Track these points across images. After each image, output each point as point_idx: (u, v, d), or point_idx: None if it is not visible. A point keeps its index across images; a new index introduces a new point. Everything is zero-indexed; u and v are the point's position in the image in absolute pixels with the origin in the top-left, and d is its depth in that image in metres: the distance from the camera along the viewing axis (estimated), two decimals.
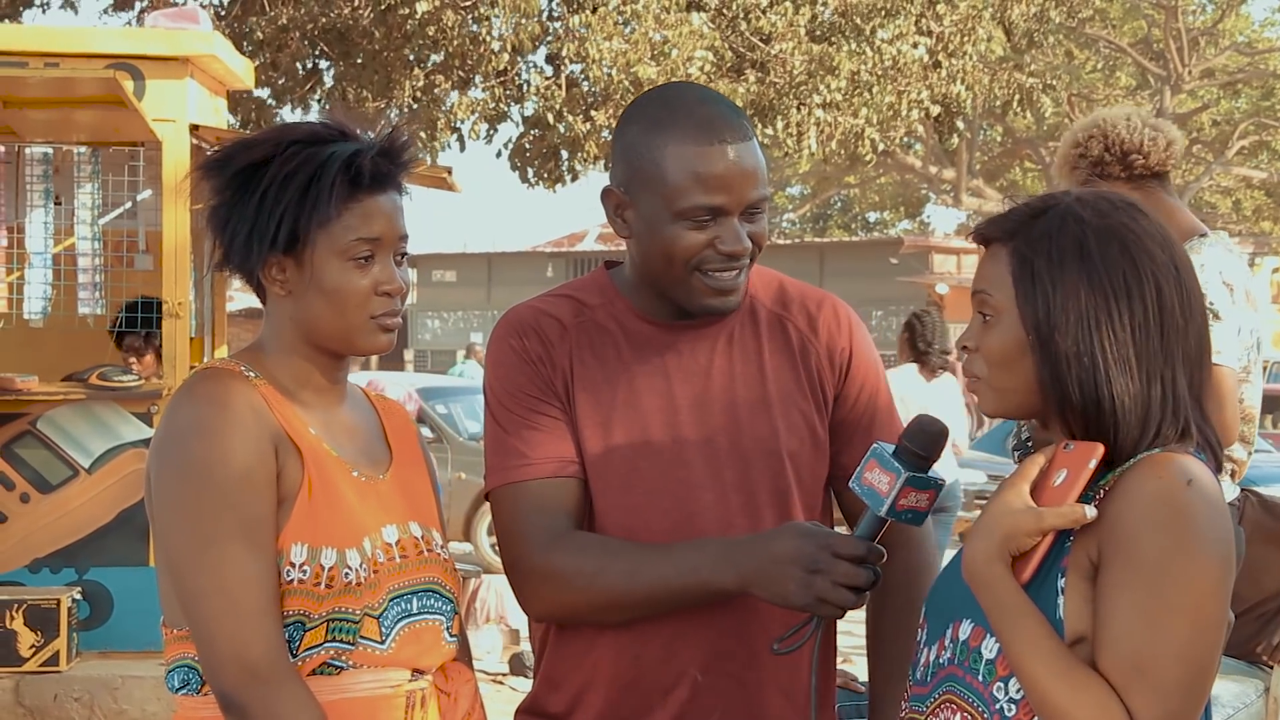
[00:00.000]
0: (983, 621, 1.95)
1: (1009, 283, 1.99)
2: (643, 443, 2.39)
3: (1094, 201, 2.01)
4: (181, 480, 2.16)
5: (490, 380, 2.46)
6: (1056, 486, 1.92)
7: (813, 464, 2.46)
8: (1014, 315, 1.98)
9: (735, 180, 2.30)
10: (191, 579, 2.14)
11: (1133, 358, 1.93)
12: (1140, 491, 1.88)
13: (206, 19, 6.75)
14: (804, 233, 45.49)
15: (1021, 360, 1.98)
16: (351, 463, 2.28)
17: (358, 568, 2.18)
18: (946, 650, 2.02)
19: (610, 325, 2.45)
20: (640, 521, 2.37)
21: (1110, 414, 1.93)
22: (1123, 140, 4.07)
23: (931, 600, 2.14)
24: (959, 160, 29.62)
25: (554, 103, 11.73)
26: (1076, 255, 1.95)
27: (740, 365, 2.45)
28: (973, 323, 2.05)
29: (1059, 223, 1.97)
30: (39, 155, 6.37)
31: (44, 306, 6.39)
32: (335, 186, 2.19)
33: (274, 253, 2.22)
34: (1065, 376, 1.94)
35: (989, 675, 1.95)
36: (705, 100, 2.37)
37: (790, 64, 11.49)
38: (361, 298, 2.23)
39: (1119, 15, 31.87)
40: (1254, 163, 35.31)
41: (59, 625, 6.04)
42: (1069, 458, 1.94)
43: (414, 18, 11.54)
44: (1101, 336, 1.93)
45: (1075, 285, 1.94)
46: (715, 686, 2.37)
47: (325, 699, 2.15)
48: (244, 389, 2.21)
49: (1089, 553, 1.90)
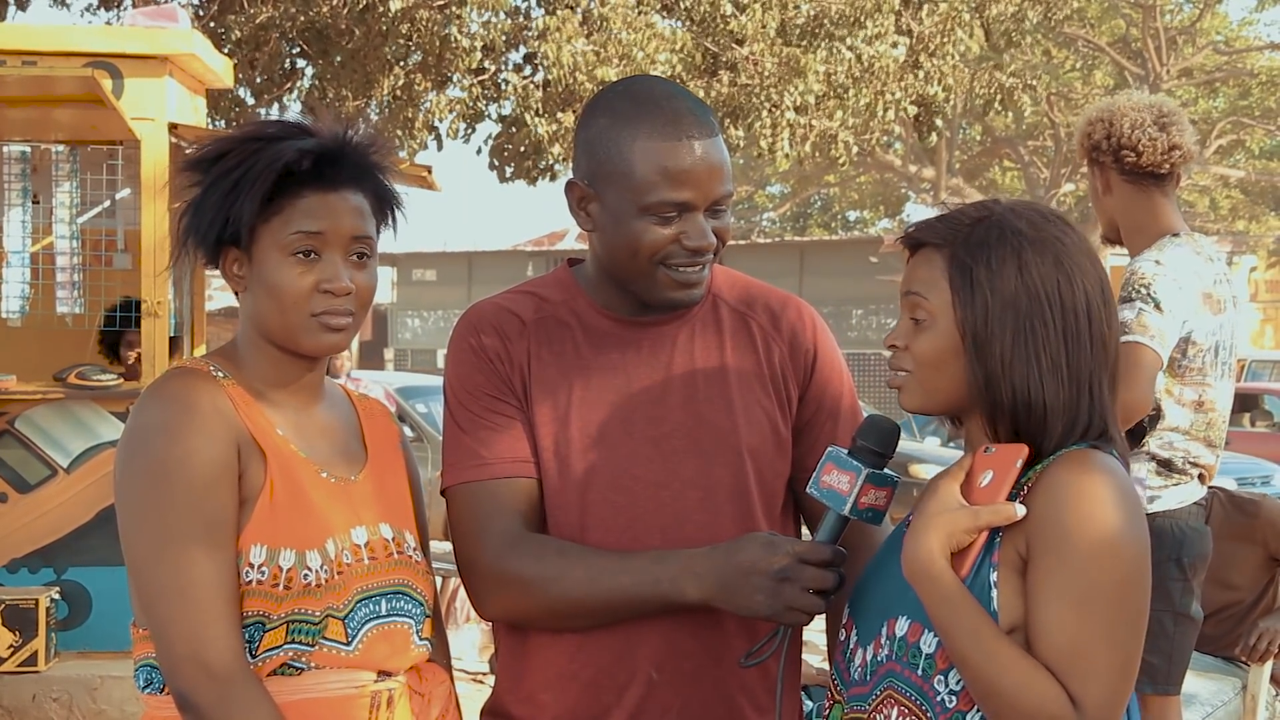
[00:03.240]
0: (919, 617, 2.02)
1: (945, 288, 2.06)
2: (599, 439, 2.39)
3: (1027, 213, 2.09)
4: (143, 480, 2.16)
5: (449, 378, 2.46)
6: (984, 487, 2.01)
7: (773, 460, 2.45)
8: (949, 320, 2.06)
9: (702, 176, 2.31)
10: (151, 578, 2.14)
11: (1064, 365, 2.03)
12: (1066, 488, 1.97)
13: (185, 17, 6.74)
14: (784, 232, 45.50)
15: (953, 363, 2.06)
16: (321, 463, 2.27)
17: (318, 569, 2.18)
18: (884, 647, 2.07)
19: (570, 321, 2.45)
20: (595, 519, 2.38)
21: (1040, 418, 2.03)
22: (1121, 135, 4.10)
23: (858, 601, 2.19)
24: (938, 159, 29.68)
25: (531, 102, 11.72)
26: (1015, 265, 2.03)
27: (701, 361, 2.44)
28: (902, 323, 2.12)
29: (997, 233, 2.06)
30: (17, 154, 6.35)
31: (22, 306, 6.38)
32: (260, 181, 2.18)
33: (225, 246, 2.23)
34: (999, 382, 2.03)
35: (929, 669, 2.01)
36: (672, 95, 2.38)
37: (762, 65, 11.49)
38: (299, 294, 2.21)
39: (1097, 14, 31.94)
40: (1230, 161, 35.44)
41: (37, 625, 6.03)
42: (992, 460, 2.03)
43: (389, 15, 11.53)
44: (1037, 345, 2.02)
45: (1013, 294, 2.03)
46: (671, 684, 2.37)
47: (286, 699, 2.15)
48: (210, 389, 2.21)
49: (1017, 547, 1.98)
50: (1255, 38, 36.27)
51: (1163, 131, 4.09)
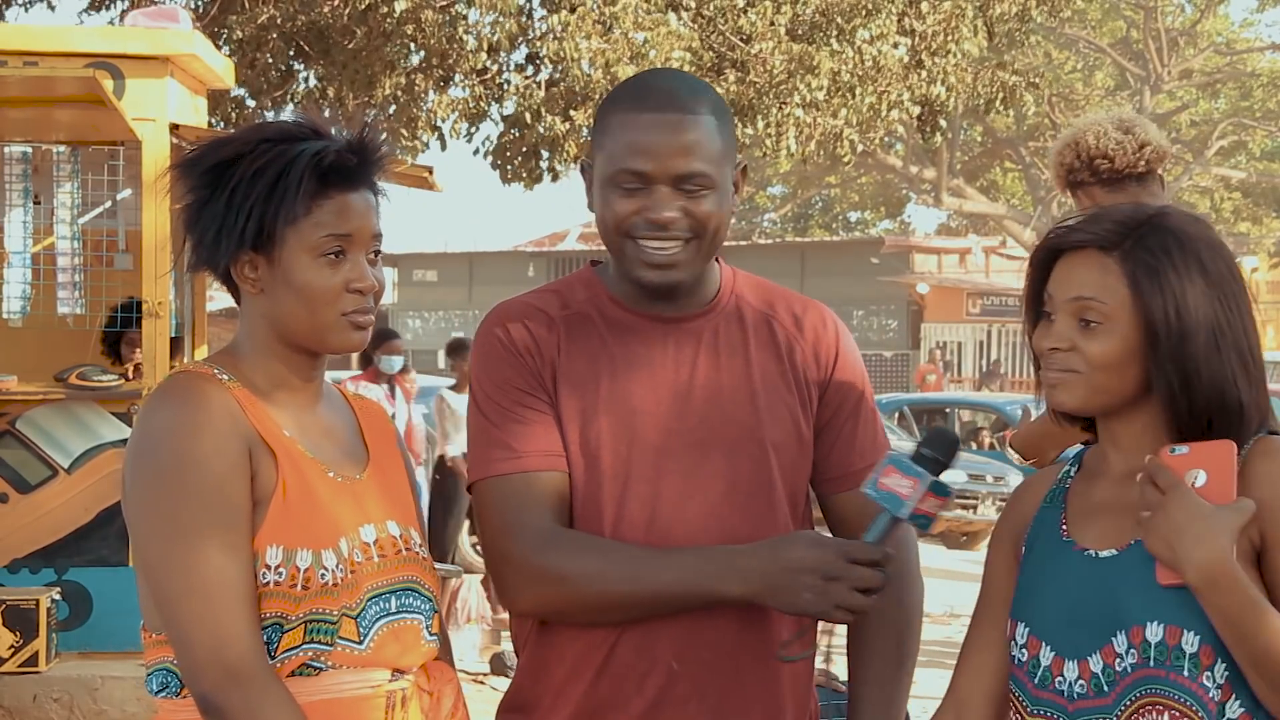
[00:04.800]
0: (1175, 620, 2.03)
1: (1123, 290, 2.08)
2: (626, 433, 2.40)
3: (1183, 216, 2.13)
4: (156, 483, 2.15)
5: (477, 372, 2.46)
6: (1202, 487, 2.01)
7: (796, 458, 2.46)
8: (1129, 322, 2.07)
9: (662, 148, 2.32)
10: (167, 581, 2.13)
11: (1251, 361, 2.09)
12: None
13: (186, 18, 6.74)
14: (785, 232, 45.50)
15: (1130, 365, 2.08)
16: (327, 463, 2.28)
17: (334, 568, 2.18)
18: (1129, 655, 2.07)
19: (595, 317, 2.46)
20: (621, 512, 2.38)
21: (1237, 413, 2.07)
22: (1089, 147, 4.12)
23: (1044, 616, 2.16)
24: (940, 160, 29.67)
25: (533, 102, 11.72)
26: (1199, 267, 2.07)
27: (725, 357, 2.45)
28: (1062, 325, 2.12)
29: (1174, 235, 2.09)
30: (18, 154, 6.36)
31: (23, 306, 6.38)
32: (303, 182, 2.19)
33: (244, 250, 2.23)
34: (1196, 381, 2.06)
35: (1194, 669, 2.02)
36: (665, 77, 2.41)
37: (770, 64, 11.49)
38: (332, 295, 2.23)
39: (1098, 15, 31.96)
40: (1232, 163, 35.44)
41: (38, 626, 6.03)
42: (1193, 460, 2.03)
43: (392, 16, 11.52)
44: (1226, 344, 2.06)
45: (1202, 295, 2.07)
46: (691, 675, 2.38)
47: (305, 700, 2.14)
48: (218, 392, 2.20)
49: (1250, 537, 2.02)
50: (1256, 39, 36.29)
51: (1127, 134, 4.12)
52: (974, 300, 36.91)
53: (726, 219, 2.41)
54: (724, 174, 2.38)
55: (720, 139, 2.37)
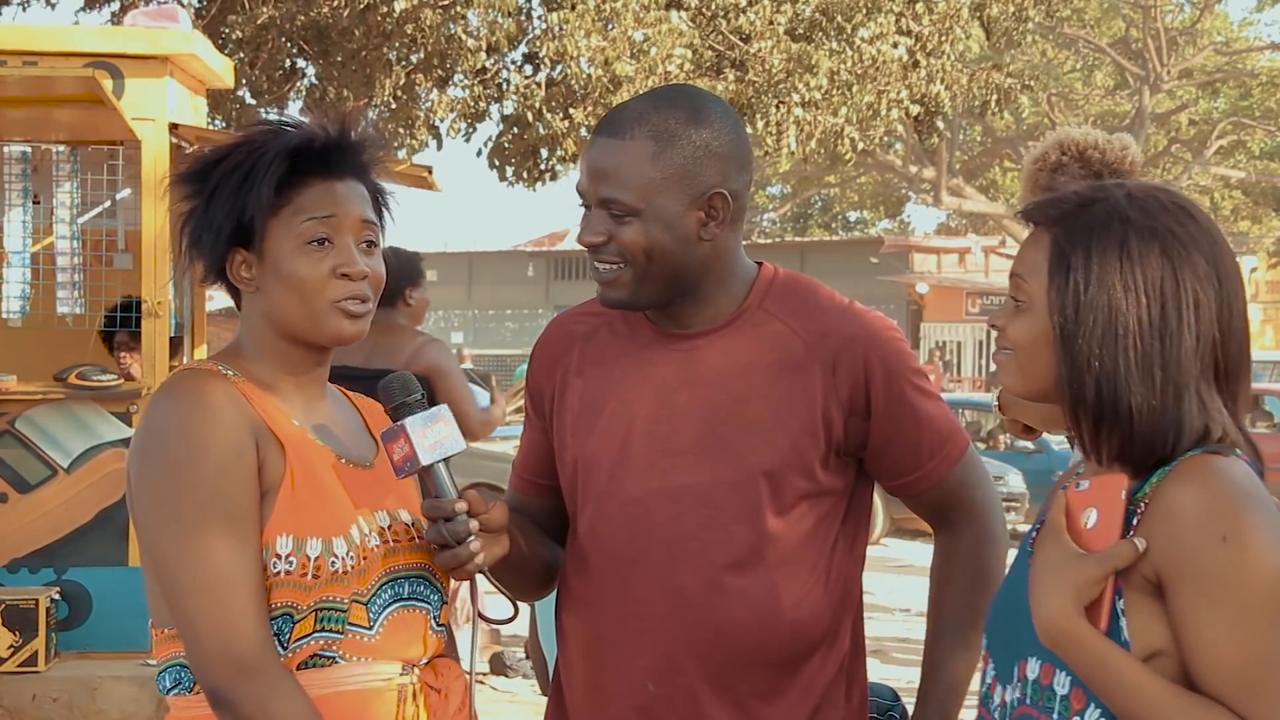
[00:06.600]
0: (1048, 658, 1.89)
1: (1044, 272, 1.93)
2: (620, 451, 2.44)
3: (1145, 200, 1.92)
4: (162, 476, 2.16)
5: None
6: (1092, 528, 1.85)
7: (794, 482, 2.40)
8: (1043, 306, 1.93)
9: (587, 171, 2.38)
10: (175, 575, 2.14)
11: (1157, 369, 1.86)
12: (1187, 507, 1.81)
13: (186, 18, 6.74)
14: (784, 232, 45.52)
15: (1046, 350, 1.93)
16: (338, 451, 2.29)
17: (344, 555, 2.19)
18: (1016, 690, 1.96)
19: (623, 331, 2.51)
20: (606, 528, 2.44)
21: (1127, 423, 1.86)
22: (1077, 141, 4.12)
23: (994, 632, 2.06)
24: (939, 159, 29.66)
25: (533, 101, 11.71)
26: (1115, 256, 1.88)
27: (731, 377, 2.42)
28: (1006, 302, 2.01)
29: (1104, 218, 1.90)
30: (17, 154, 6.35)
31: (22, 306, 6.37)
32: (271, 167, 2.20)
33: (235, 250, 2.24)
34: (1083, 377, 1.88)
35: (1065, 711, 1.89)
36: (642, 100, 2.42)
37: (769, 63, 11.49)
38: (319, 281, 2.23)
39: (1096, 15, 31.95)
40: (1231, 162, 35.44)
41: (37, 625, 6.02)
42: (1089, 496, 1.87)
43: (392, 16, 11.52)
44: (1127, 343, 1.86)
45: (1108, 286, 1.87)
46: (667, 698, 2.40)
47: (316, 693, 2.15)
48: (222, 385, 2.21)
49: (1144, 572, 1.83)
50: (1256, 38, 36.30)
51: (1109, 138, 4.13)
52: (973, 300, 36.94)
53: (667, 247, 2.34)
54: (658, 202, 2.32)
55: (655, 167, 2.32)
